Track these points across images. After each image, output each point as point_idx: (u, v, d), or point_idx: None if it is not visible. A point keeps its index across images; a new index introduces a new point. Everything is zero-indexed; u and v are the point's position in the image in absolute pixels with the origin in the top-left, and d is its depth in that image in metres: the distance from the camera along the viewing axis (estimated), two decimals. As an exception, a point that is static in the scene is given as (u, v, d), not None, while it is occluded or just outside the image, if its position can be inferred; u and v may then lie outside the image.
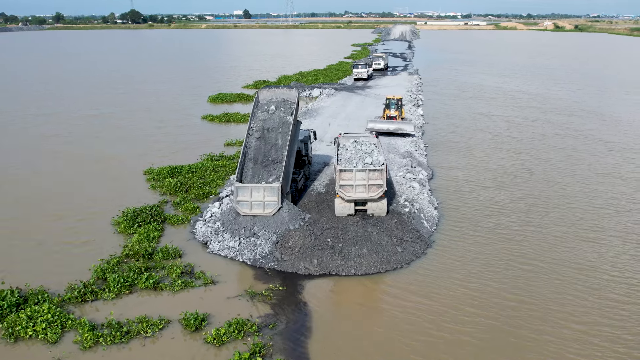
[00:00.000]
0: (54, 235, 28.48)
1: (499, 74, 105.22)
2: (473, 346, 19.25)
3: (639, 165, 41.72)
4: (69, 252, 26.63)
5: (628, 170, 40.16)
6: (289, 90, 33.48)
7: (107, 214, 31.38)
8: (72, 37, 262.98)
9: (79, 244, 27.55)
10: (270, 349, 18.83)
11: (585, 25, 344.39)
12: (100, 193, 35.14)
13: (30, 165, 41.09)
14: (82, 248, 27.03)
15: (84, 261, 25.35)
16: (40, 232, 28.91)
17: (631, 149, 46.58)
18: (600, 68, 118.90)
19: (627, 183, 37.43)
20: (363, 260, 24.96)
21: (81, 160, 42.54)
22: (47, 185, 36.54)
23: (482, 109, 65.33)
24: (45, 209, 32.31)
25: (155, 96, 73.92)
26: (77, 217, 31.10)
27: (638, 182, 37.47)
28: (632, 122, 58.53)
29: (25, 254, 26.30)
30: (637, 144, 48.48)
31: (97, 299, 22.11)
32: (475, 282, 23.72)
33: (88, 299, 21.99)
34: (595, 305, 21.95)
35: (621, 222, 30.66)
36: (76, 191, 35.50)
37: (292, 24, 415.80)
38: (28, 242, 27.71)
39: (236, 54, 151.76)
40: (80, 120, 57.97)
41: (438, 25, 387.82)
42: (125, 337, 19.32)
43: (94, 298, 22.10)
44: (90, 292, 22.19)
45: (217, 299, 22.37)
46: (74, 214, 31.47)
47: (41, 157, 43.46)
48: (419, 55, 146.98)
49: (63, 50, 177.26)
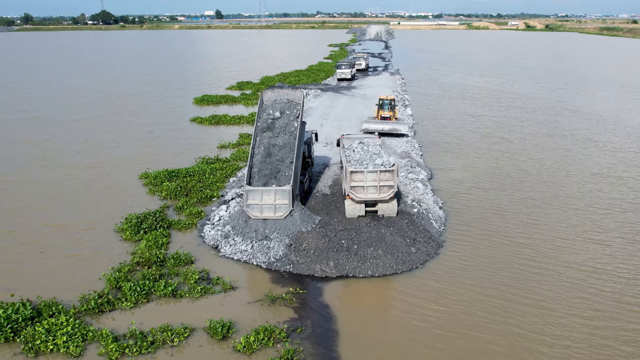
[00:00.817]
0: (58, 245, 27.60)
1: (479, 73, 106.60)
2: (498, 354, 19.37)
3: (632, 165, 42.23)
4: (76, 261, 25.89)
5: (624, 170, 40.69)
6: (293, 91, 33.20)
7: (109, 221, 30.61)
8: (43, 39, 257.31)
9: (85, 253, 26.74)
10: (301, 354, 18.68)
11: (556, 25, 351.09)
12: (98, 200, 34.20)
13: (22, 174, 39.47)
14: (88, 257, 26.27)
15: (93, 270, 24.72)
16: (43, 243, 27.91)
17: (620, 148, 47.24)
18: (576, 67, 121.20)
19: (625, 183, 37.79)
20: (379, 262, 24.96)
21: (74, 167, 41.25)
22: (42, 194, 35.14)
23: (468, 109, 65.99)
24: (44, 219, 31.17)
25: (138, 100, 72.58)
26: (79, 225, 30.13)
27: (635, 182, 37.94)
28: (618, 121, 59.71)
29: (32, 266, 25.43)
30: (626, 143, 49.36)
31: (114, 309, 21.63)
32: (489, 287, 23.90)
33: (105, 309, 21.46)
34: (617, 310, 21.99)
35: (626, 223, 30.73)
36: (73, 199, 34.32)
37: (266, 24, 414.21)
38: (32, 253, 26.75)
39: (215, 56, 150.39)
40: (64, 125, 56.55)
41: (411, 25, 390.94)
42: (152, 347, 18.91)
43: (111, 308, 21.58)
44: (106, 302, 21.69)
45: (237, 304, 22.10)
46: (75, 223, 30.47)
47: (32, 164, 41.84)
48: (397, 55, 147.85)
49: (34, 52, 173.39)
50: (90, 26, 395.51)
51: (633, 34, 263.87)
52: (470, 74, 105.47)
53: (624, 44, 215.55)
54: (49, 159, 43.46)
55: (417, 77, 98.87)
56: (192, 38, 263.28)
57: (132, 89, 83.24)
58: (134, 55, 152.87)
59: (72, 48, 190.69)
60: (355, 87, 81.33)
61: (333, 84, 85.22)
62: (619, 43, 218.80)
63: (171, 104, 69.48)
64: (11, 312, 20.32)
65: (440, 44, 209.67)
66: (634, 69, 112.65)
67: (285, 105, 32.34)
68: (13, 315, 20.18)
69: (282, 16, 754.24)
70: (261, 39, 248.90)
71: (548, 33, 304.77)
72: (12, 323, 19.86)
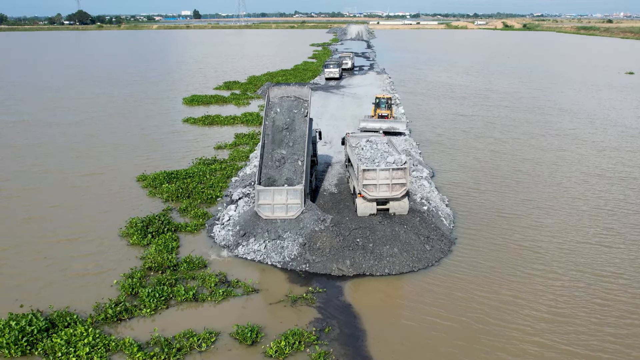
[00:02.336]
0: (63, 253, 26.59)
1: (465, 72, 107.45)
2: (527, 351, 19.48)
3: (633, 166, 42.02)
4: (84, 269, 25.02)
5: (624, 171, 40.51)
6: (300, 87, 32.82)
7: (112, 225, 29.79)
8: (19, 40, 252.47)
9: (92, 259, 25.92)
10: (331, 356, 18.50)
11: (533, 24, 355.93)
12: (97, 204, 33.20)
13: (17, 181, 37.78)
14: (96, 264, 25.50)
15: (104, 277, 24.08)
16: (47, 252, 26.77)
17: (616, 148, 47.37)
18: (560, 66, 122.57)
19: (629, 185, 37.24)
20: (395, 260, 24.93)
21: (68, 171, 40.00)
22: (40, 201, 33.61)
23: (457, 109, 66.23)
24: (46, 226, 30.04)
25: (125, 101, 71.30)
26: (81, 231, 29.18)
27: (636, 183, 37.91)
28: (609, 119, 60.37)
29: (39, 276, 24.40)
30: (626, 142, 49.48)
31: (132, 317, 20.96)
32: (509, 281, 24.07)
33: (123, 317, 20.81)
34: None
35: (636, 225, 30.35)
36: (71, 204, 33.30)
37: (245, 24, 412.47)
38: (38, 263, 25.66)
39: (199, 56, 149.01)
40: (53, 128, 55.25)
41: (390, 24, 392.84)
42: (179, 354, 18.43)
43: (129, 316, 20.92)
44: (124, 310, 21.00)
45: (260, 307, 21.80)
46: (78, 229, 29.48)
47: (27, 170, 40.24)
48: (380, 55, 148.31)
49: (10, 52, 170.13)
50: (67, 26, 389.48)
51: (609, 33, 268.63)
52: (455, 73, 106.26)
53: (601, 42, 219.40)
54: (41, 164, 41.78)
55: (403, 76, 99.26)
56: (173, 38, 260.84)
57: (118, 90, 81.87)
58: (115, 56, 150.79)
59: (50, 49, 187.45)
60: (344, 86, 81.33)
61: (322, 83, 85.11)
62: (596, 42, 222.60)
63: (160, 104, 68.52)
64: (25, 324, 19.49)
65: (422, 43, 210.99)
66: (618, 68, 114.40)
67: (293, 102, 32.04)
68: (27, 328, 19.35)
69: (260, 16, 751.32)
70: (242, 39, 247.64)
71: (526, 32, 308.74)
72: (27, 335, 19.06)
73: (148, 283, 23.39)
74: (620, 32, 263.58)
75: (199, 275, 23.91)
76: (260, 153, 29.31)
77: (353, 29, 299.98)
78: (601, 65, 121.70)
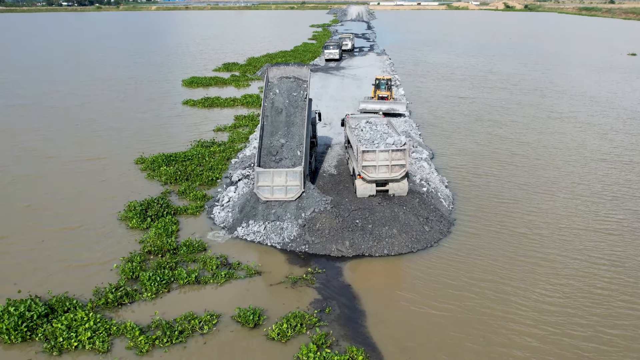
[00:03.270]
0: (62, 238, 26.45)
1: (465, 54, 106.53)
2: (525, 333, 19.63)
3: (634, 150, 41.99)
4: (82, 253, 24.91)
5: (629, 156, 40.12)
6: (299, 68, 32.58)
7: (110, 208, 29.70)
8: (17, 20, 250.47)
9: (91, 243, 25.80)
10: (331, 337, 18.64)
11: (534, 5, 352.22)
12: (95, 187, 33.23)
13: (16, 166, 37.27)
14: (95, 247, 25.39)
15: (102, 261, 24.02)
16: (45, 236, 26.59)
17: (619, 130, 47.62)
18: (562, 47, 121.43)
19: (631, 169, 36.74)
20: (394, 241, 25.04)
21: (67, 154, 39.80)
22: (37, 187, 33.44)
23: (457, 91, 65.89)
24: (44, 211, 29.75)
25: (126, 83, 70.82)
26: (80, 214, 29.10)
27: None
28: (613, 103, 60.18)
29: (37, 261, 24.19)
30: (630, 126, 49.50)
31: (133, 301, 20.90)
32: (506, 262, 24.18)
33: (124, 302, 20.76)
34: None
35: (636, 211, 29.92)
36: (70, 188, 33.11)
37: (245, 4, 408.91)
38: (36, 247, 25.48)
39: (198, 37, 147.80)
40: (53, 112, 55.05)
41: (391, 5, 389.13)
42: (182, 336, 18.49)
43: (130, 300, 20.87)
44: (125, 295, 20.95)
45: (260, 288, 21.95)
46: (75, 212, 29.40)
47: (24, 155, 39.60)
48: (381, 36, 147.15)
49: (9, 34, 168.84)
50: (65, 7, 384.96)
51: (611, 14, 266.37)
52: (456, 54, 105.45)
53: (603, 23, 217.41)
54: (39, 149, 41.31)
55: (402, 57, 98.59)
56: (172, 19, 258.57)
57: (117, 72, 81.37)
58: (114, 37, 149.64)
59: (49, 30, 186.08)
60: (344, 67, 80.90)
61: (321, 64, 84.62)
62: (598, 23, 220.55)
63: (160, 86, 68.23)
64: (24, 310, 19.40)
65: (422, 24, 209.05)
66: (620, 49, 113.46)
67: (293, 83, 31.85)
68: (27, 313, 19.28)
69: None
70: (242, 20, 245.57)
71: (527, 13, 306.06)
72: (27, 321, 19.02)
73: (148, 267, 23.40)
74: (622, 13, 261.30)
75: (200, 258, 23.94)
76: (259, 134, 29.20)
77: (353, 9, 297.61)
78: (603, 47, 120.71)
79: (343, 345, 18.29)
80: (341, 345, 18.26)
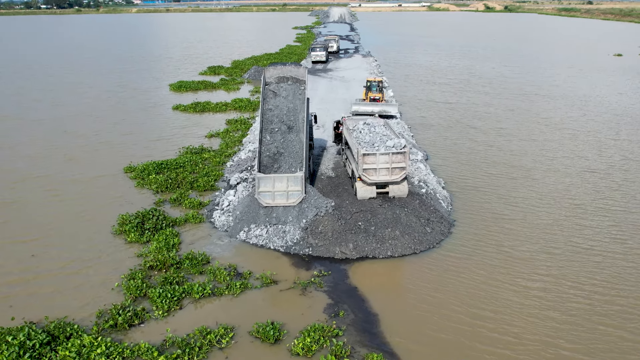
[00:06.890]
0: (55, 255, 24.88)
1: (450, 56, 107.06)
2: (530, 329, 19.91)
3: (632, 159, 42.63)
4: (78, 271, 23.54)
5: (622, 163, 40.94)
6: (296, 67, 32.50)
7: (103, 221, 28.32)
8: None
9: (86, 260, 24.39)
10: (348, 345, 18.52)
11: (514, 6, 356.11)
12: (84, 199, 31.75)
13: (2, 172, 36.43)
14: (91, 265, 24.02)
15: (101, 280, 22.78)
16: (37, 251, 25.21)
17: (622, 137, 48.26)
18: (546, 48, 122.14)
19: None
20: (397, 242, 25.22)
21: (52, 162, 38.80)
22: (28, 194, 32.51)
23: (445, 94, 66.47)
24: (33, 222, 28.41)
25: (113, 89, 69.63)
26: (71, 227, 27.76)
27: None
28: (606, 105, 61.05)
29: (29, 283, 22.65)
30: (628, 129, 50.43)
31: (143, 321, 19.90)
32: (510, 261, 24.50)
33: (134, 322, 19.71)
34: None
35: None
36: (56, 199, 31.76)
37: (226, 7, 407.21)
38: (28, 267, 23.92)
39: (182, 41, 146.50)
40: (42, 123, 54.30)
41: (373, 7, 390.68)
42: (201, 352, 17.94)
43: (140, 321, 19.83)
44: (135, 315, 19.92)
45: (272, 297, 21.66)
46: (65, 225, 28.05)
47: (10, 171, 37.37)
48: (365, 38, 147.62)
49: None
50: (44, 10, 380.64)
51: (590, 14, 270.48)
52: (441, 56, 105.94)
53: (583, 24, 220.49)
54: (31, 155, 40.45)
55: (388, 59, 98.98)
56: (153, 22, 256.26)
57: (100, 77, 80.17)
58: (96, 41, 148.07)
59: (29, 34, 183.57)
60: (331, 69, 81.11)
61: (308, 66, 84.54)
62: (578, 23, 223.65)
63: (147, 91, 67.36)
64: (23, 339, 17.91)
65: (405, 26, 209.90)
66: (604, 50, 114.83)
67: (290, 83, 31.80)
68: (27, 342, 17.80)
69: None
70: (224, 22, 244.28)
71: (508, 14, 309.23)
72: (30, 351, 17.58)
73: (153, 283, 22.37)
74: (601, 14, 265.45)
75: (207, 269, 23.34)
76: (259, 138, 29.13)
77: (335, 11, 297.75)
78: (586, 47, 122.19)
79: (360, 351, 18.26)
80: (358, 351, 18.23)
